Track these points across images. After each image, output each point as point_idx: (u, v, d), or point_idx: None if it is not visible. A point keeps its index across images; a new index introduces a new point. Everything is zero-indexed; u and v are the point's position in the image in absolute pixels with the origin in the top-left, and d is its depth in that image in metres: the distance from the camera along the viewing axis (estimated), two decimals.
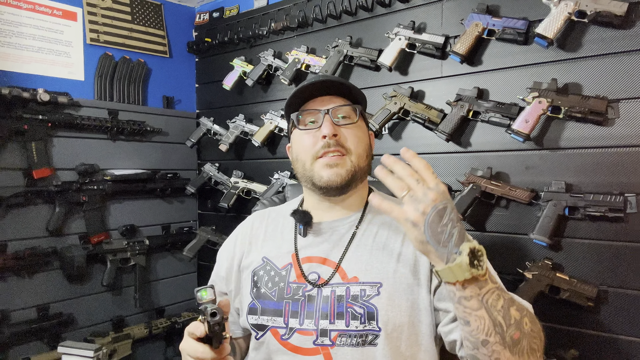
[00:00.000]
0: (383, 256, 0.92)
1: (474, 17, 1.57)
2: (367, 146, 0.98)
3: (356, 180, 0.95)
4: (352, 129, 0.95)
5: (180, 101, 2.53)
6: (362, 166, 0.96)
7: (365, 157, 0.97)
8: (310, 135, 0.95)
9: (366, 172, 0.99)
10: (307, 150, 0.95)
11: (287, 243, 1.00)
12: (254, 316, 0.95)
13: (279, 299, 0.93)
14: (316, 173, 0.93)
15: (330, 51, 1.91)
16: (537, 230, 1.43)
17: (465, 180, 1.58)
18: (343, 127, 0.94)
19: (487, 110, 1.56)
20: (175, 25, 2.51)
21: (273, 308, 0.93)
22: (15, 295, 1.83)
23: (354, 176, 0.94)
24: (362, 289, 0.88)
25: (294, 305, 0.92)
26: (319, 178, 0.93)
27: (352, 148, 0.94)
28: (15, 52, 1.90)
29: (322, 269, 0.93)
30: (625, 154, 1.36)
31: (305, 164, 0.96)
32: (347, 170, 0.92)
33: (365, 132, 1.00)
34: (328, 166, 0.92)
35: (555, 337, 1.46)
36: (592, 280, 1.40)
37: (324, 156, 0.93)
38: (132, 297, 2.21)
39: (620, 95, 1.36)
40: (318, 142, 0.93)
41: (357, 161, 0.94)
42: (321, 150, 0.93)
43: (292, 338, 0.90)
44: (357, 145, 0.94)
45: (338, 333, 0.87)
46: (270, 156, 2.26)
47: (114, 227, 2.18)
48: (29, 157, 1.85)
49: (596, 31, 1.41)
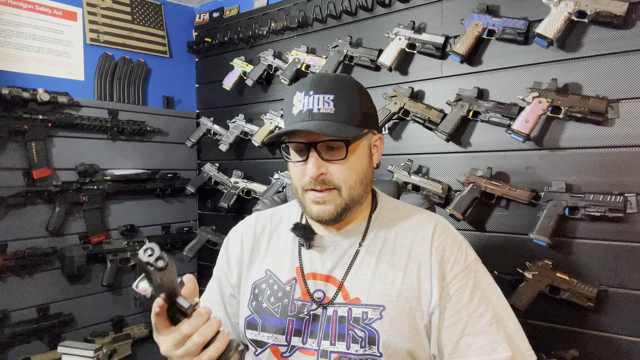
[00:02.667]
0: (387, 278, 0.88)
1: (474, 17, 1.57)
2: (362, 172, 0.90)
3: (350, 210, 0.90)
4: (341, 164, 0.86)
5: (180, 101, 2.53)
6: (355, 196, 0.89)
7: (359, 185, 0.89)
8: (298, 167, 0.89)
9: (363, 196, 0.92)
10: (297, 179, 0.90)
11: (290, 255, 0.96)
12: (253, 331, 0.91)
13: (282, 315, 0.90)
14: (307, 206, 0.90)
15: (330, 51, 1.91)
16: (537, 230, 1.43)
17: (465, 180, 1.58)
18: (331, 163, 0.86)
19: (487, 110, 1.56)
20: (175, 25, 2.51)
21: (275, 325, 0.89)
22: (15, 295, 1.83)
23: (344, 209, 0.88)
24: (364, 312, 0.86)
25: (297, 323, 0.88)
26: (309, 211, 0.90)
27: (342, 184, 0.87)
28: (15, 52, 1.90)
29: (327, 287, 0.90)
30: (625, 154, 1.36)
31: (297, 191, 0.91)
32: (336, 205, 0.87)
33: (361, 156, 0.89)
34: (316, 202, 0.87)
35: (555, 337, 1.46)
36: (592, 280, 1.40)
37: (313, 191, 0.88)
38: (132, 297, 2.21)
39: (620, 95, 1.36)
40: (305, 177, 0.87)
41: (349, 194, 0.87)
42: (308, 186, 0.87)
43: (293, 356, 0.87)
44: (347, 179, 0.87)
45: (338, 355, 0.84)
46: (270, 156, 2.26)
47: (114, 227, 2.18)
48: (28, 157, 1.85)
49: (596, 31, 1.41)
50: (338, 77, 0.88)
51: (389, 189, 1.26)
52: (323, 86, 0.86)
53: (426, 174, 1.73)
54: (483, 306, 0.85)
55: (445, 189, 1.65)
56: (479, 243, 1.62)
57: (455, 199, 1.58)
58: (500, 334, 0.82)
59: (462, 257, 0.89)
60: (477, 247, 1.62)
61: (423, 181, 1.68)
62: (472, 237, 1.63)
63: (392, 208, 0.99)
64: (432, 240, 0.90)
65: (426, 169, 1.74)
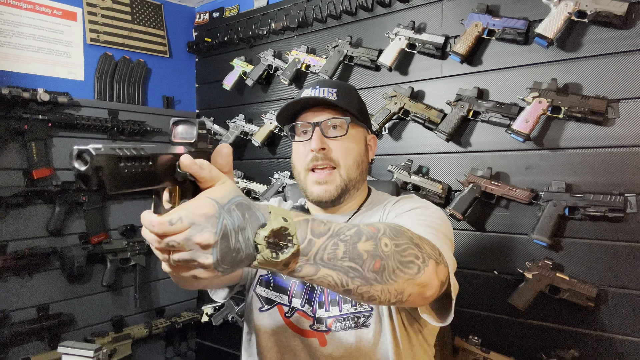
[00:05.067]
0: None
1: (474, 17, 1.57)
2: (359, 156, 1.00)
3: (348, 192, 1.00)
4: (341, 140, 0.97)
5: (180, 101, 2.53)
6: (353, 177, 0.99)
7: (356, 167, 0.99)
8: (302, 146, 0.99)
9: (359, 181, 1.02)
10: (300, 160, 0.99)
11: None
12: (265, 289, 1.00)
13: (287, 277, 0.97)
14: (308, 187, 0.99)
15: (330, 51, 1.91)
16: (537, 230, 1.43)
17: (465, 180, 1.58)
18: (332, 139, 0.97)
19: (487, 110, 1.56)
20: (175, 25, 2.51)
21: (282, 285, 0.99)
22: (15, 295, 1.83)
23: (344, 190, 0.98)
24: None
25: (299, 286, 0.97)
26: (310, 193, 0.99)
27: (341, 161, 0.97)
28: (15, 52, 1.90)
29: None
30: (625, 154, 1.36)
31: (300, 174, 1.00)
32: (336, 186, 0.97)
33: (358, 141, 1.01)
34: (317, 183, 0.97)
35: (555, 337, 1.46)
36: (592, 280, 1.40)
37: (315, 170, 0.97)
38: (132, 297, 2.21)
39: (620, 95, 1.36)
40: (309, 154, 0.97)
41: (347, 174, 0.97)
42: (311, 163, 0.97)
43: (293, 317, 0.95)
44: (345, 157, 0.97)
45: (333, 320, 0.92)
46: (270, 156, 2.26)
47: (114, 227, 2.18)
48: (29, 157, 1.85)
49: (596, 31, 1.41)
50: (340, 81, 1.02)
51: (389, 189, 1.27)
52: (328, 83, 1.00)
53: (426, 174, 1.73)
54: (422, 216, 0.88)
55: (445, 189, 1.65)
56: (479, 243, 1.62)
57: (455, 199, 1.58)
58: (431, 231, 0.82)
59: (411, 203, 0.95)
60: (477, 247, 1.63)
61: (423, 181, 1.68)
62: (472, 237, 1.63)
63: (382, 199, 1.07)
64: (393, 200, 1.01)
65: (426, 169, 1.74)
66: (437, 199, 1.65)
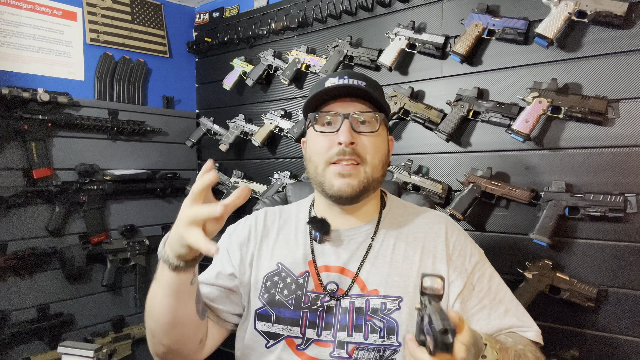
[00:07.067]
0: (403, 270, 0.90)
1: (474, 17, 1.57)
2: (384, 156, 0.94)
3: (368, 191, 0.92)
4: (371, 137, 0.90)
5: (180, 101, 2.53)
6: (376, 177, 0.91)
7: (381, 167, 0.92)
8: (326, 138, 0.90)
9: (380, 182, 0.95)
10: (320, 153, 0.90)
11: (302, 249, 0.96)
12: (266, 323, 0.91)
13: (295, 307, 0.90)
14: (327, 180, 0.90)
15: (330, 51, 1.91)
16: (537, 230, 1.43)
17: (465, 180, 1.58)
18: (362, 134, 0.89)
19: (487, 110, 1.56)
20: (175, 25, 2.51)
21: (289, 317, 0.90)
22: (15, 295, 1.83)
23: (365, 187, 0.90)
24: (382, 302, 0.87)
25: (311, 315, 0.89)
26: (329, 186, 0.89)
27: (369, 158, 0.89)
28: (15, 52, 1.90)
29: (340, 278, 0.91)
30: (625, 154, 1.36)
31: (317, 167, 0.91)
32: (359, 181, 0.88)
33: (384, 141, 0.95)
34: (340, 175, 0.88)
35: (555, 337, 1.46)
36: (592, 280, 1.40)
37: (338, 163, 0.88)
38: (132, 297, 2.21)
39: (620, 95, 1.36)
40: (333, 147, 0.88)
41: (372, 172, 0.90)
42: (335, 157, 0.88)
43: (309, 349, 0.87)
44: (373, 155, 0.90)
45: (356, 346, 0.85)
46: (270, 156, 2.26)
47: (114, 227, 2.18)
48: (29, 157, 1.85)
49: (596, 31, 1.40)
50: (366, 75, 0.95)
51: (389, 189, 1.26)
52: (356, 75, 0.93)
53: (426, 174, 1.73)
54: (501, 292, 0.94)
55: (445, 189, 1.65)
56: (479, 243, 1.60)
57: (456, 199, 1.58)
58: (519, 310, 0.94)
59: (475, 250, 0.98)
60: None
61: (423, 181, 1.68)
62: (472, 237, 1.62)
63: (400, 205, 1.04)
64: (447, 236, 0.95)
65: (426, 169, 1.74)
66: (437, 199, 1.66)
